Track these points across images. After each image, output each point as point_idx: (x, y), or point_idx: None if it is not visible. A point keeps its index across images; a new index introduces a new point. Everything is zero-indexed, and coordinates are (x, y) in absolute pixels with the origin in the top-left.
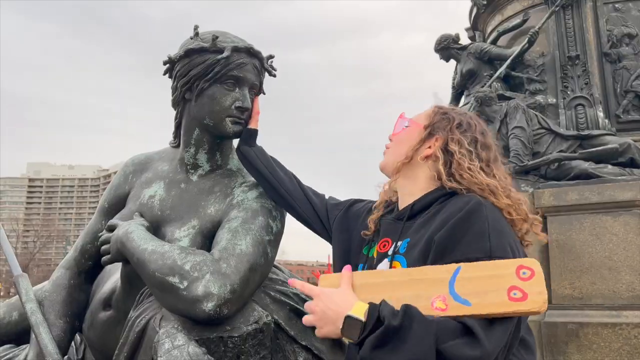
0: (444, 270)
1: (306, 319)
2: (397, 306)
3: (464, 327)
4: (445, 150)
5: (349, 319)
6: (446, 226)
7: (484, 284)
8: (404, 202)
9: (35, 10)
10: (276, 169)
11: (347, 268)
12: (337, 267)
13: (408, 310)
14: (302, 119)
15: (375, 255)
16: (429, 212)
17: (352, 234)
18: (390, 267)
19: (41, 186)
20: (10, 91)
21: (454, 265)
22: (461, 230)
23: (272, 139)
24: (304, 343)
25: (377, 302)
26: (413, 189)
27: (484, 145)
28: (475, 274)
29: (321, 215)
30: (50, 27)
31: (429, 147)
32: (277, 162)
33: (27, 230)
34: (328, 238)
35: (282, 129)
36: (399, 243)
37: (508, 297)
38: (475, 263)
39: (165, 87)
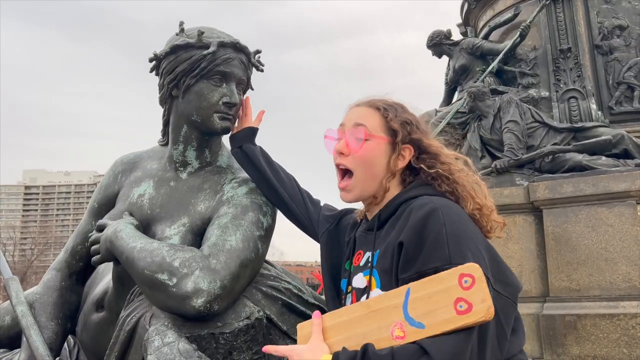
0: (396, 295)
1: None
2: (363, 342)
3: (420, 348)
4: (417, 157)
5: None
6: (405, 233)
7: (433, 302)
8: (374, 211)
9: (31, 15)
10: (278, 170)
11: (316, 315)
12: (326, 281)
13: (365, 352)
14: (300, 118)
15: (351, 270)
16: (393, 217)
17: (343, 249)
18: (367, 282)
19: (37, 193)
20: (4, 97)
21: (404, 288)
22: (420, 239)
23: (270, 139)
24: (296, 338)
25: (346, 341)
26: (384, 198)
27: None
28: (424, 292)
29: (314, 222)
30: (45, 32)
31: (399, 160)
32: (276, 163)
33: (25, 238)
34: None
35: (280, 129)
36: (373, 254)
37: (455, 311)
38: (423, 280)
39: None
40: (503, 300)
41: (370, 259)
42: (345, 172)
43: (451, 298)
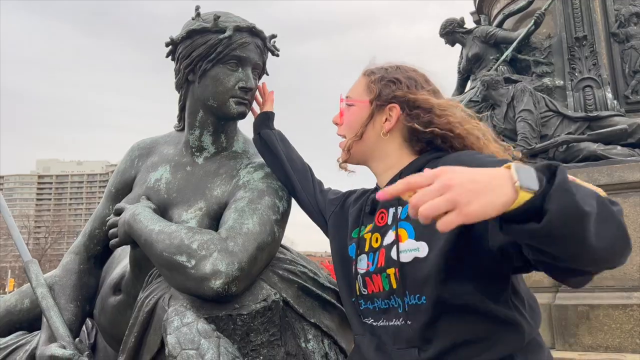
0: None
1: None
2: None
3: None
4: (408, 115)
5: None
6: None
7: None
8: (386, 178)
9: (46, 8)
10: (293, 158)
11: None
12: (336, 261)
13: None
14: (312, 111)
15: (367, 237)
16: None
17: (349, 226)
18: (397, 237)
19: (51, 182)
20: (20, 89)
21: None
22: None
23: (282, 130)
24: (312, 320)
25: None
26: (390, 163)
27: (433, 91)
28: None
29: (322, 210)
30: (60, 25)
31: (386, 120)
32: (294, 150)
33: (38, 227)
34: (327, 233)
35: (292, 121)
36: (399, 209)
37: None
38: None
39: (172, 82)
40: None
41: (395, 214)
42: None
43: None
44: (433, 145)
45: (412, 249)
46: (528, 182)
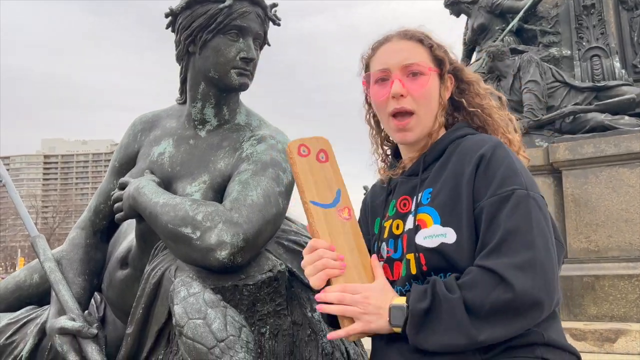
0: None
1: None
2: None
3: (491, 273)
4: (457, 88)
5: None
6: (478, 168)
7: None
8: (410, 153)
9: None
10: None
11: (374, 257)
12: None
13: (433, 288)
14: (316, 86)
15: (387, 225)
16: (443, 157)
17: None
18: (415, 221)
19: (56, 162)
20: (23, 70)
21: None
22: (493, 166)
23: (286, 106)
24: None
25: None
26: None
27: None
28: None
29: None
30: (63, 3)
31: (447, 90)
32: None
33: (46, 207)
34: None
35: (296, 96)
36: (420, 195)
37: (319, 161)
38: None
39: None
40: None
41: (418, 200)
42: (403, 114)
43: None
44: (463, 122)
45: (439, 235)
46: (396, 321)
